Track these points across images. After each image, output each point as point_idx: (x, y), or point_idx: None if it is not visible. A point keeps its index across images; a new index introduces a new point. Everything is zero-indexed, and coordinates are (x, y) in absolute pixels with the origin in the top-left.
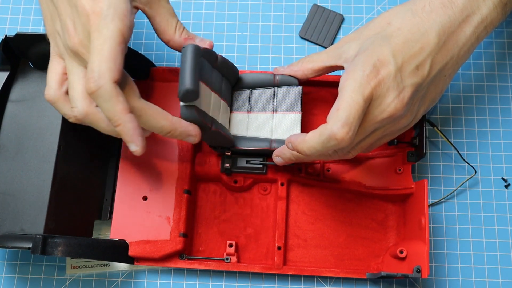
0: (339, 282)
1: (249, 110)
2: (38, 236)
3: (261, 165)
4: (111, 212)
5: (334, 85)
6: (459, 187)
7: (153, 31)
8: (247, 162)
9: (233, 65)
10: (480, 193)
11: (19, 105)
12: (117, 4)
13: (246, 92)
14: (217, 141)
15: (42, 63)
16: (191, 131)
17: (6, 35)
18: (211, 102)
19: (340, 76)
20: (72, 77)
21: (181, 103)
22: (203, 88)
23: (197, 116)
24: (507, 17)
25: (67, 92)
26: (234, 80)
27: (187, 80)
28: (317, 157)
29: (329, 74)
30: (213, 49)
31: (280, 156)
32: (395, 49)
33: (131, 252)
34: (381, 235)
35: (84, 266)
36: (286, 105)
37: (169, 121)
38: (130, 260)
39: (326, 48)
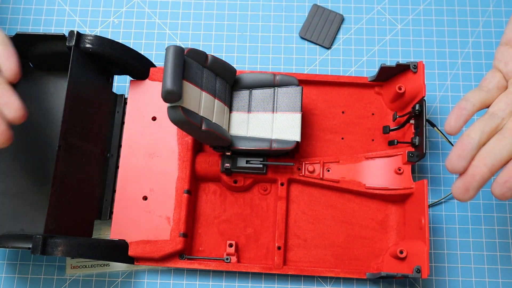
0: (339, 282)
1: (249, 110)
2: (38, 236)
3: (261, 165)
4: (111, 212)
5: (334, 84)
6: None
7: (153, 31)
8: (247, 162)
9: (227, 64)
10: (480, 193)
11: None
12: None
13: (246, 92)
14: (213, 141)
15: (42, 63)
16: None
17: None
18: (201, 102)
19: (340, 76)
20: None
21: (167, 104)
22: (190, 87)
23: (183, 116)
24: (507, 17)
25: None
26: (231, 79)
27: (167, 81)
28: None
29: (328, 74)
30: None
31: None
32: None
33: (131, 252)
34: (381, 235)
35: (84, 266)
36: (286, 105)
37: None
38: (130, 260)
39: (326, 48)
